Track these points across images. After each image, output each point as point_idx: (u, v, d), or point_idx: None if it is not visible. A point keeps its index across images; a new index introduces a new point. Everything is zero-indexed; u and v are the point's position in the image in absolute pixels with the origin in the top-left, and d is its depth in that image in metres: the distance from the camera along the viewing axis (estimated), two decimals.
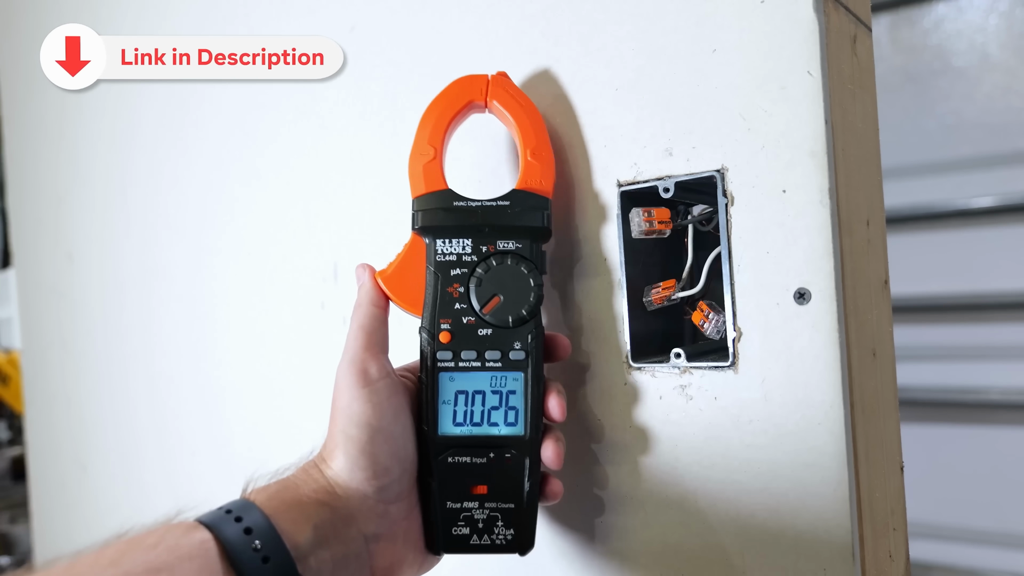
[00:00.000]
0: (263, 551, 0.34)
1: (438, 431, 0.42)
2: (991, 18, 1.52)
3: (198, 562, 0.32)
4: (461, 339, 0.42)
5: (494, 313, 0.42)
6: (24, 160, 1.06)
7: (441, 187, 0.43)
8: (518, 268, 0.42)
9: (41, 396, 1.08)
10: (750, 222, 0.40)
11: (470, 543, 0.42)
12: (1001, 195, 1.50)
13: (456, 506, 0.42)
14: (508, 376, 0.42)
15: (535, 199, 0.43)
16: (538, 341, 0.42)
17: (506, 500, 0.42)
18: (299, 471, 0.40)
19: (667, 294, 0.46)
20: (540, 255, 0.43)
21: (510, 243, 0.43)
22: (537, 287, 0.42)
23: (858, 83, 0.43)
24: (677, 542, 0.43)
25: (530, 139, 0.44)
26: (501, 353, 0.42)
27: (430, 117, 0.45)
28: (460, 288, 0.42)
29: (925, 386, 1.58)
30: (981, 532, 1.56)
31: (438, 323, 0.42)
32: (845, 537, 0.38)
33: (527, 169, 0.44)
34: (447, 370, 0.42)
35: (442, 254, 0.42)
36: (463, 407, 0.42)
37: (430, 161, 0.43)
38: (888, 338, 0.46)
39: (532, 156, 0.44)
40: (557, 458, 0.42)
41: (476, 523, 0.42)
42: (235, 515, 0.35)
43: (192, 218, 0.76)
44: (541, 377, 0.42)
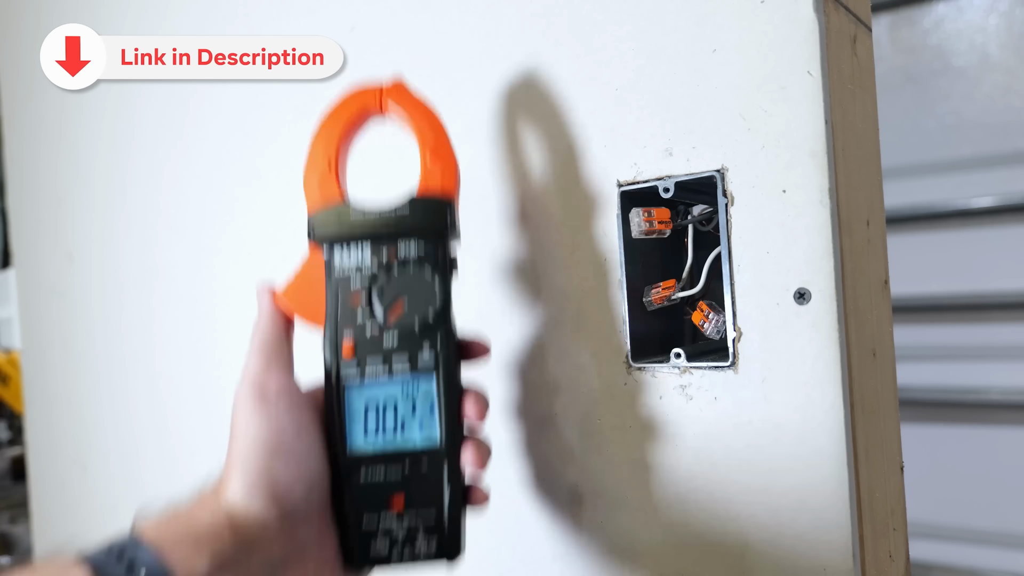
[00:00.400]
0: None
1: (348, 450, 0.40)
2: (991, 18, 1.52)
3: None
4: (365, 348, 0.40)
5: (399, 320, 0.40)
6: (24, 160, 1.06)
7: (337, 202, 0.42)
8: (421, 273, 0.40)
9: (41, 396, 1.08)
10: (750, 222, 0.40)
11: (391, 559, 0.40)
12: (1001, 195, 1.50)
13: (373, 526, 0.40)
14: (419, 381, 0.40)
15: (436, 204, 0.41)
16: (449, 343, 0.40)
17: (426, 512, 0.40)
18: (195, 501, 0.38)
19: (667, 294, 0.46)
20: (445, 256, 0.41)
21: (411, 247, 0.41)
22: (444, 290, 0.40)
23: (858, 83, 0.43)
24: (677, 542, 0.43)
25: (427, 140, 0.42)
26: (409, 359, 0.40)
27: (324, 128, 0.43)
28: (362, 297, 0.40)
29: (925, 386, 1.58)
30: (981, 532, 1.56)
31: (340, 335, 0.40)
32: (845, 537, 0.38)
33: (425, 174, 0.42)
34: (353, 382, 0.40)
35: (340, 264, 0.41)
36: (374, 420, 0.40)
37: (324, 174, 0.42)
38: (888, 338, 0.46)
39: (431, 159, 0.42)
40: (478, 463, 0.40)
41: (395, 538, 0.40)
42: (117, 551, 0.33)
43: (192, 218, 0.76)
44: (456, 382, 0.40)
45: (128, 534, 0.35)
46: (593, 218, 0.46)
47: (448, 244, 0.42)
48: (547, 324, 0.48)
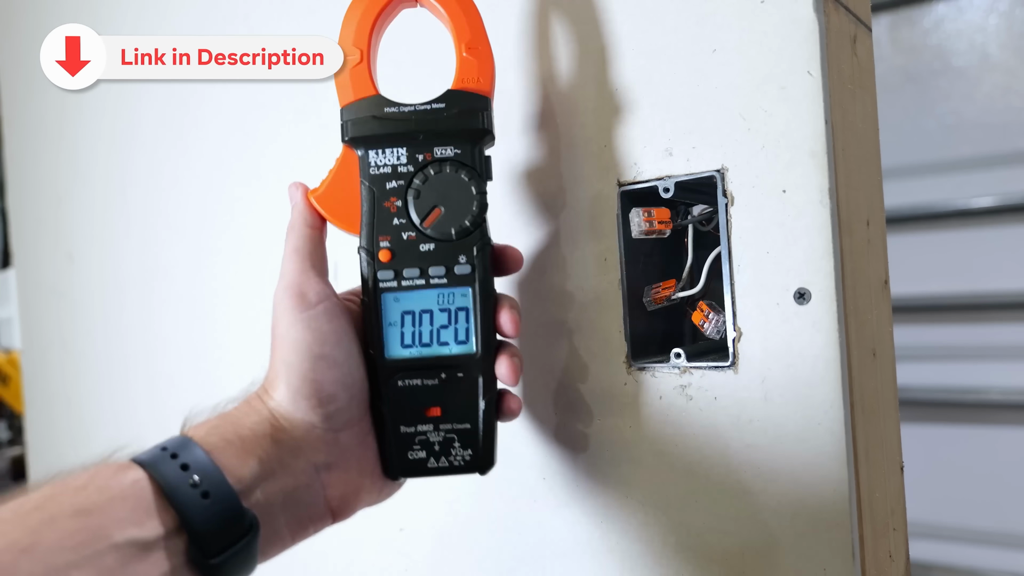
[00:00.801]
0: (202, 486, 0.32)
1: (385, 354, 0.40)
2: (991, 18, 1.52)
3: (131, 502, 0.31)
4: (402, 256, 0.40)
5: (435, 226, 0.39)
6: (24, 160, 1.06)
7: (370, 93, 0.40)
8: (458, 176, 0.39)
9: (41, 396, 1.08)
10: (750, 222, 0.40)
11: (427, 466, 0.40)
12: (1001, 195, 1.50)
13: (410, 430, 0.40)
14: (455, 292, 0.40)
15: (472, 99, 0.40)
16: (485, 253, 0.40)
17: (461, 420, 0.40)
18: (241, 404, 0.38)
19: (667, 294, 0.46)
20: (483, 160, 0.40)
21: (448, 149, 0.40)
22: (480, 195, 0.40)
23: (858, 83, 0.43)
24: (677, 542, 0.43)
25: (464, 33, 0.40)
26: (446, 268, 0.40)
27: (353, 15, 0.41)
28: (398, 202, 0.40)
29: (925, 386, 1.58)
30: (981, 532, 1.56)
31: (377, 241, 0.40)
32: (845, 537, 0.38)
33: (462, 66, 0.40)
34: (390, 290, 0.40)
35: (376, 166, 0.40)
36: (410, 328, 0.40)
37: (357, 64, 0.40)
38: (888, 338, 0.46)
39: (467, 51, 0.40)
40: (512, 373, 0.40)
41: (432, 446, 0.40)
42: (171, 452, 0.33)
43: (192, 218, 0.76)
44: (491, 291, 0.40)
45: (178, 436, 0.35)
46: (593, 218, 0.46)
47: (485, 145, 0.41)
48: (546, 321, 0.48)
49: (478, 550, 0.52)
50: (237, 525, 0.33)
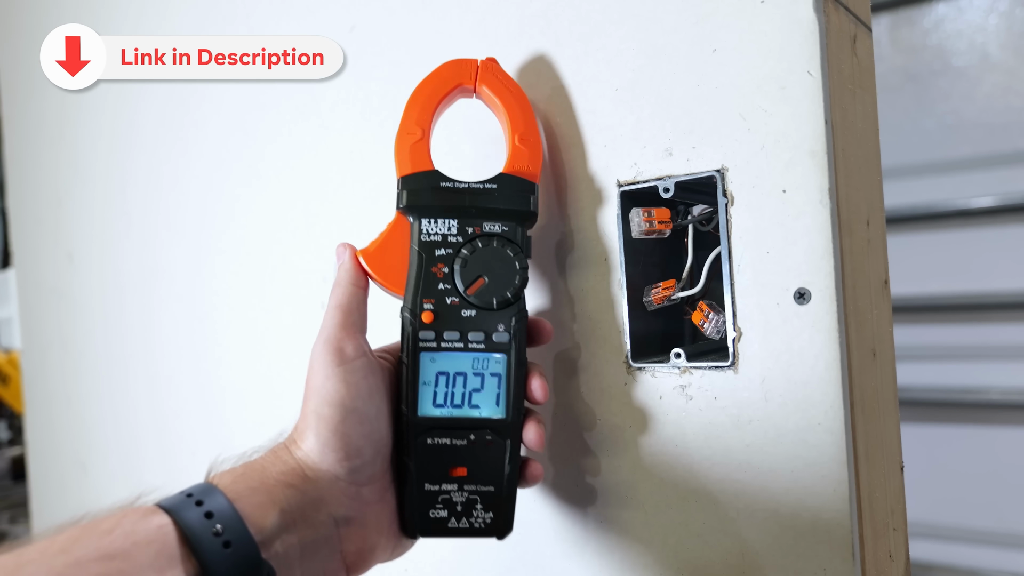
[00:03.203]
0: (225, 535, 0.32)
1: (418, 412, 0.41)
2: (991, 18, 1.52)
3: (155, 547, 0.31)
4: (444, 320, 0.41)
5: (479, 294, 0.41)
6: (24, 160, 1.06)
7: (428, 167, 0.43)
8: (504, 251, 0.42)
9: (41, 396, 1.08)
10: (750, 222, 0.40)
11: (448, 526, 0.41)
12: (1001, 195, 1.50)
13: (434, 488, 0.41)
14: (491, 358, 0.41)
15: (522, 183, 0.43)
16: (522, 323, 0.42)
17: (486, 483, 0.41)
18: (267, 453, 0.39)
19: (667, 294, 0.46)
20: (525, 239, 0.43)
21: (496, 225, 0.42)
22: (522, 270, 0.42)
23: (858, 83, 0.43)
24: (677, 542, 0.43)
25: (518, 124, 0.44)
26: (484, 335, 0.41)
27: (418, 98, 0.44)
28: (444, 268, 0.42)
29: (925, 386, 1.58)
30: (981, 532, 1.56)
31: (421, 303, 0.41)
32: (845, 537, 0.38)
33: (514, 153, 0.43)
34: (429, 350, 0.41)
35: (427, 233, 0.42)
36: (444, 388, 0.41)
37: (417, 141, 0.43)
38: (888, 338, 0.46)
39: (520, 141, 0.43)
40: (539, 441, 0.41)
41: (455, 506, 0.41)
42: (196, 499, 0.34)
43: (192, 218, 0.76)
44: (524, 360, 0.42)
45: (203, 482, 0.36)
46: (593, 218, 0.46)
47: (530, 226, 0.43)
48: (544, 317, 0.48)
49: (478, 550, 0.52)
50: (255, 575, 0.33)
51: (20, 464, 2.03)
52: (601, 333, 0.46)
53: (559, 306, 0.48)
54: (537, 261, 0.48)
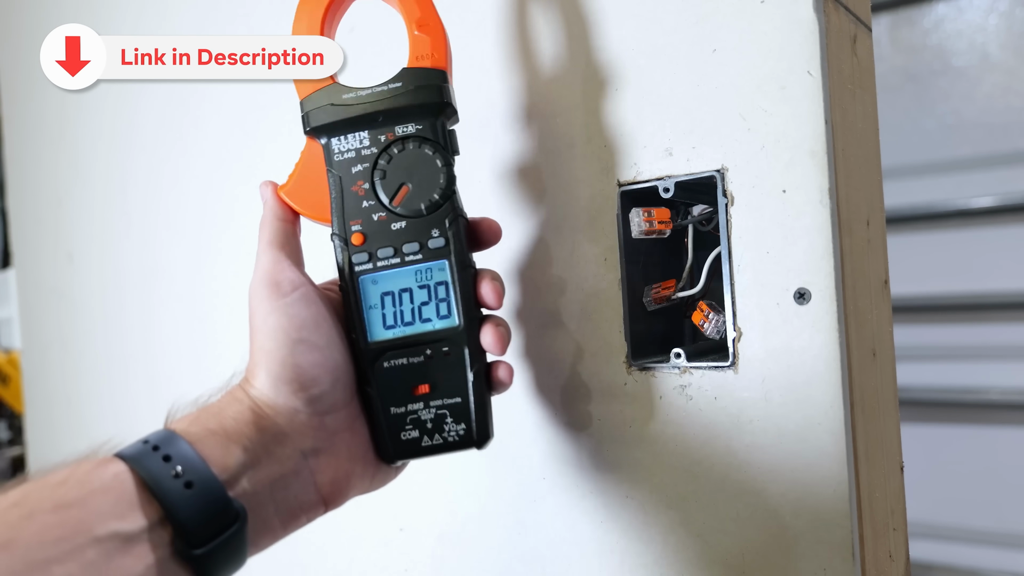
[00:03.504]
0: (185, 476, 0.32)
1: (368, 338, 0.40)
2: (991, 18, 1.52)
3: (113, 494, 0.30)
4: (375, 238, 0.40)
5: (405, 203, 0.39)
6: (24, 160, 1.06)
7: (327, 82, 0.40)
8: (422, 151, 0.39)
9: (41, 396, 1.08)
10: (750, 222, 0.40)
11: (421, 445, 0.40)
12: (1001, 195, 1.50)
13: (400, 410, 0.40)
14: (432, 267, 0.40)
15: (428, 73, 0.40)
16: (458, 225, 0.40)
17: (451, 395, 0.40)
18: (223, 396, 0.38)
19: (667, 294, 0.46)
20: (447, 134, 0.40)
21: (409, 127, 0.40)
22: (447, 167, 0.40)
23: (858, 83, 0.43)
24: (677, 542, 0.43)
25: (413, 11, 0.40)
26: (420, 244, 0.39)
27: (305, 6, 0.41)
28: (365, 185, 0.40)
29: (925, 386, 1.58)
30: (981, 532, 1.56)
31: (348, 226, 0.40)
32: (845, 537, 0.38)
33: (415, 44, 0.40)
34: (366, 272, 0.40)
35: (339, 153, 0.40)
36: (391, 308, 0.40)
37: None
38: (888, 338, 0.46)
39: (418, 29, 0.40)
40: (498, 342, 0.40)
41: (424, 424, 0.40)
42: (153, 444, 0.33)
43: (192, 218, 0.76)
44: (468, 263, 0.40)
45: (161, 429, 0.35)
46: (593, 218, 0.46)
47: (447, 118, 0.41)
48: (546, 319, 0.48)
49: (478, 550, 0.52)
50: (223, 515, 0.32)
51: (20, 464, 2.03)
52: (601, 333, 0.46)
53: (559, 306, 0.48)
54: (538, 261, 0.48)
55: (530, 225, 0.49)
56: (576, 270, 0.47)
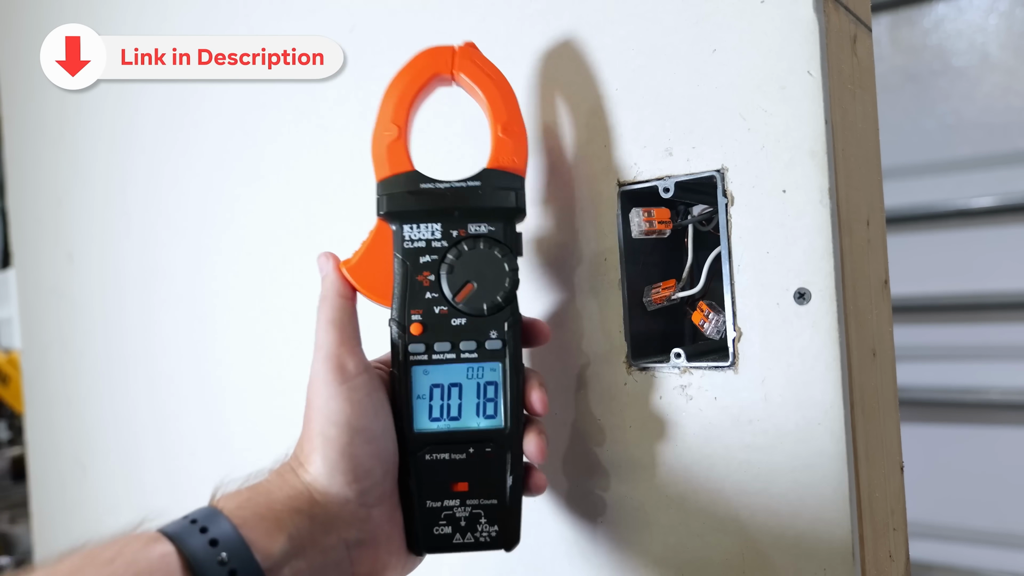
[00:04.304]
0: (230, 564, 0.31)
1: (414, 428, 0.40)
2: (991, 18, 1.52)
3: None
4: (434, 330, 0.40)
5: (468, 301, 0.40)
6: (24, 160, 1.06)
7: (407, 168, 0.41)
8: (491, 252, 0.40)
9: (41, 396, 1.08)
10: (750, 222, 0.40)
11: (452, 542, 0.40)
12: (1001, 195, 1.50)
13: (436, 505, 0.40)
14: (485, 367, 0.40)
15: (507, 178, 0.41)
16: (515, 329, 0.40)
17: (488, 496, 0.40)
18: (272, 475, 0.38)
19: (667, 294, 0.46)
20: (515, 237, 0.41)
21: (482, 226, 0.40)
22: (512, 271, 0.40)
23: (858, 83, 0.43)
24: (677, 542, 0.43)
25: (500, 114, 0.41)
26: (477, 343, 0.40)
27: (393, 93, 0.42)
28: (431, 276, 0.40)
29: (925, 386, 1.58)
30: (981, 532, 1.56)
31: (408, 314, 0.40)
32: (845, 537, 0.38)
33: (498, 146, 0.41)
34: (420, 363, 0.40)
35: (410, 240, 0.40)
36: (439, 401, 0.40)
37: (394, 140, 0.41)
38: (888, 338, 0.46)
39: (503, 132, 0.41)
40: (540, 451, 0.40)
41: (458, 521, 0.40)
42: (200, 525, 0.33)
43: (192, 218, 0.76)
44: (520, 367, 0.41)
45: (207, 507, 0.35)
46: (593, 218, 0.46)
47: (517, 224, 0.41)
48: (547, 324, 0.48)
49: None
50: None
51: (20, 464, 2.03)
52: (601, 333, 0.46)
53: (559, 306, 0.47)
54: (537, 262, 0.48)
55: (529, 226, 0.49)
56: (576, 270, 0.47)
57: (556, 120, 0.47)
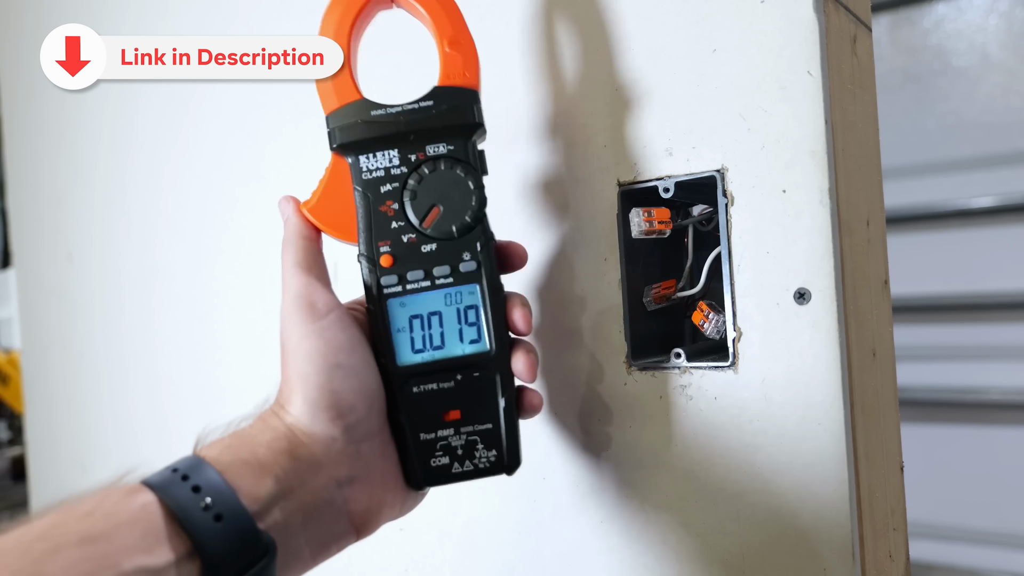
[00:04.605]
0: (215, 508, 0.31)
1: (397, 362, 0.38)
2: (991, 18, 1.52)
3: (140, 527, 0.29)
4: (405, 260, 0.38)
5: (436, 225, 0.38)
6: (24, 160, 1.06)
7: (355, 97, 0.39)
8: (454, 172, 0.38)
9: (41, 396, 1.08)
10: (750, 222, 0.40)
11: (451, 472, 0.39)
12: (1001, 195, 1.51)
13: (430, 436, 0.39)
14: (463, 290, 0.39)
15: (460, 94, 0.39)
16: (489, 248, 0.39)
17: (482, 421, 0.39)
18: (255, 421, 0.37)
19: (667, 294, 0.46)
20: (477, 154, 0.39)
21: (440, 147, 0.39)
22: (478, 189, 0.39)
23: (858, 83, 0.44)
24: (677, 542, 0.43)
25: (445, 29, 0.40)
26: (451, 267, 0.38)
27: (330, 20, 0.40)
28: (394, 205, 0.38)
29: (925, 386, 1.59)
30: (981, 532, 1.56)
31: (377, 247, 0.38)
32: (845, 537, 0.38)
33: (447, 62, 0.39)
34: (396, 295, 0.39)
35: (368, 171, 0.39)
36: (420, 332, 0.39)
37: (338, 70, 0.40)
38: (888, 338, 0.46)
39: (450, 47, 0.39)
40: (530, 369, 0.39)
41: (455, 450, 0.39)
42: (182, 473, 0.32)
43: (192, 218, 0.76)
44: (499, 286, 0.39)
45: (190, 456, 0.34)
46: (593, 218, 0.46)
47: (478, 139, 0.40)
48: (546, 322, 0.48)
49: (478, 550, 0.52)
50: (252, 548, 0.31)
51: (20, 464, 2.03)
52: (601, 333, 0.46)
53: (559, 306, 0.48)
54: (537, 261, 0.48)
55: (529, 226, 0.49)
56: (576, 271, 0.47)
57: (556, 120, 0.47)
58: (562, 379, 0.47)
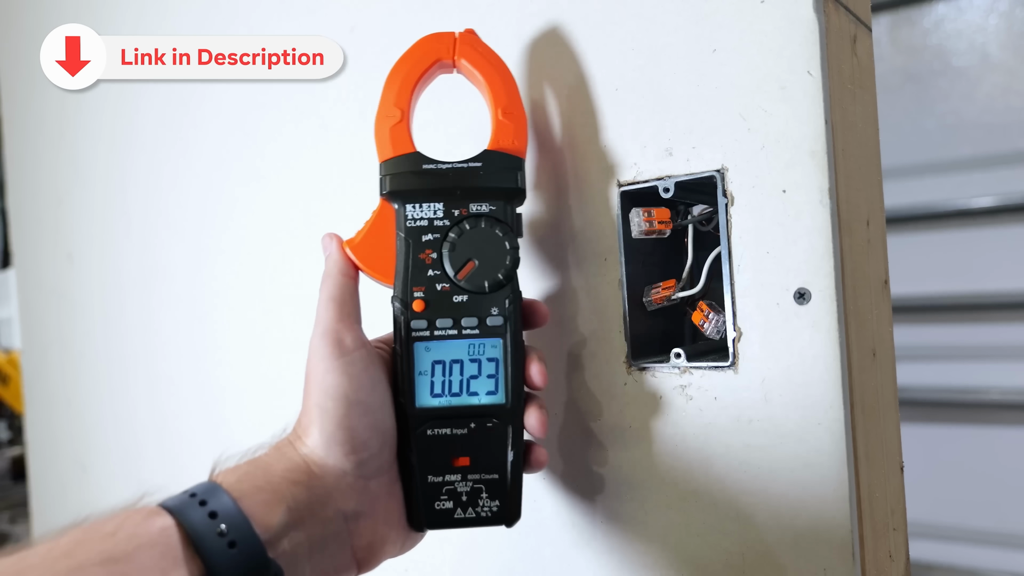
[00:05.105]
0: (229, 535, 0.32)
1: (415, 403, 0.40)
2: (991, 18, 1.52)
3: (158, 550, 0.31)
4: (436, 307, 0.40)
5: (469, 278, 0.40)
6: (24, 160, 1.06)
7: (409, 150, 0.42)
8: (492, 231, 0.41)
9: (41, 396, 1.08)
10: (750, 222, 0.40)
11: (454, 517, 0.40)
12: (1001, 195, 1.51)
13: (438, 480, 0.40)
14: (486, 343, 0.41)
15: (508, 159, 0.42)
16: (516, 306, 0.41)
17: (490, 471, 0.40)
18: (271, 450, 0.38)
19: (667, 294, 0.46)
20: (515, 217, 0.42)
21: (483, 206, 0.41)
22: (513, 250, 0.41)
23: (858, 83, 0.44)
24: (677, 542, 0.43)
25: (500, 97, 0.43)
26: (478, 320, 0.41)
27: (396, 78, 0.43)
28: (433, 254, 0.41)
29: (925, 386, 1.58)
30: (981, 532, 1.56)
31: (411, 291, 0.40)
32: (845, 537, 0.38)
33: (498, 129, 0.42)
34: (422, 339, 0.40)
35: (413, 219, 0.41)
36: (440, 377, 0.41)
37: (397, 123, 0.42)
38: (888, 338, 0.46)
39: (503, 115, 0.42)
40: (541, 426, 0.41)
41: (459, 496, 0.40)
42: (200, 498, 0.33)
43: (192, 218, 0.76)
44: (521, 343, 0.41)
45: (207, 481, 0.35)
46: (593, 218, 0.46)
47: (517, 203, 0.42)
48: (547, 325, 0.48)
49: (478, 550, 0.52)
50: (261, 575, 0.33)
51: (20, 464, 2.03)
52: (601, 333, 0.46)
53: (559, 306, 0.47)
54: (537, 261, 0.48)
55: (529, 226, 0.49)
56: (576, 270, 0.47)
57: (556, 120, 0.47)
58: (562, 379, 0.47)
